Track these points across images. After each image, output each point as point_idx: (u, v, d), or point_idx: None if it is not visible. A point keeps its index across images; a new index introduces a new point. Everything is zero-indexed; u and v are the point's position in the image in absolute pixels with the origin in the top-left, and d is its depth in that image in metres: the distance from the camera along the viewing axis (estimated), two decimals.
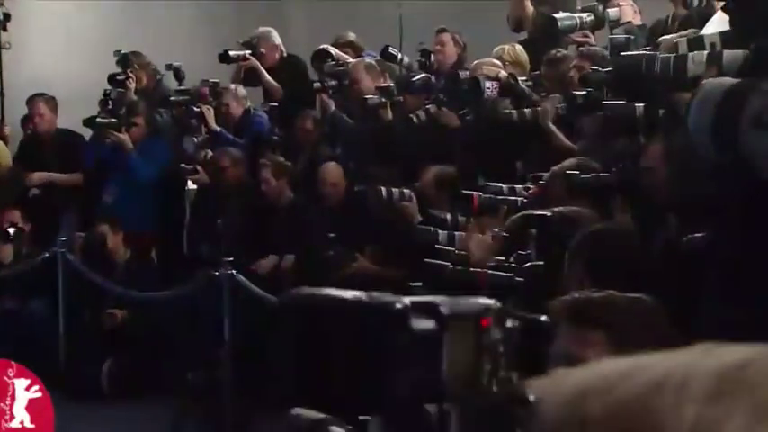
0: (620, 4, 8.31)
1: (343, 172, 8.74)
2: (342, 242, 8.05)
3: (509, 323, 1.34)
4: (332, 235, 8.07)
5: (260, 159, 9.09)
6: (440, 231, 6.23)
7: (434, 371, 1.29)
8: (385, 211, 7.55)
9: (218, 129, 9.74)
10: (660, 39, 6.68)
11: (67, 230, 9.91)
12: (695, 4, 7.35)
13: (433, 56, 9.32)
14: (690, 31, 6.46)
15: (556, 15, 8.08)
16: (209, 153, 9.38)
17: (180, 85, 10.29)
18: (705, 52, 4.95)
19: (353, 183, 8.62)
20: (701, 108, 3.95)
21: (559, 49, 8.00)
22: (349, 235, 8.13)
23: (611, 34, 7.77)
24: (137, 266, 9.41)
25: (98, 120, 9.91)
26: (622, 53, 5.82)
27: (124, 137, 9.86)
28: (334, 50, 9.58)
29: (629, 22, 8.20)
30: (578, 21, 8.08)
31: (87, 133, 10.50)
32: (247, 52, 10.12)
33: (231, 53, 10.11)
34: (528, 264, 4.90)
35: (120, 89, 10.28)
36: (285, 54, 10.36)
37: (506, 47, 8.47)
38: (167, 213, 9.92)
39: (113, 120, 9.86)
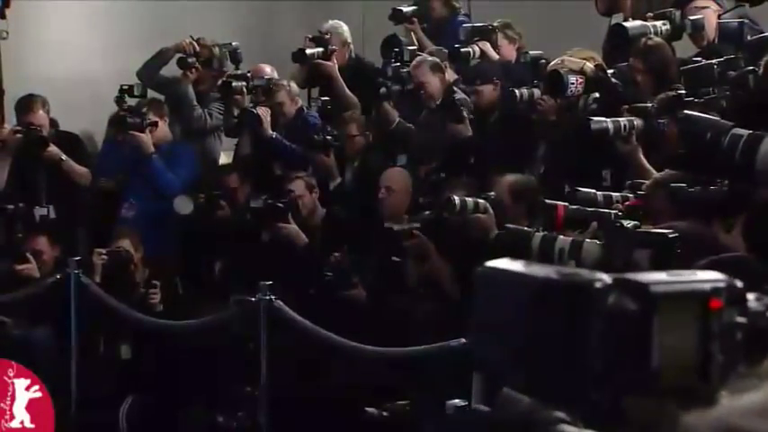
0: (703, 6, 7.31)
1: (411, 181, 7.73)
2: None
3: (754, 304, 1.23)
4: (395, 259, 7.08)
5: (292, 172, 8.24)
6: (535, 233, 5.24)
7: (640, 361, 1.17)
8: (459, 224, 6.62)
9: (274, 134, 8.71)
10: None
11: (82, 248, 8.73)
12: None
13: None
14: None
15: (626, 24, 7.18)
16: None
17: (237, 68, 9.25)
18: None
19: (417, 194, 7.66)
20: None
21: (651, 36, 6.99)
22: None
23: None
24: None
25: (128, 120, 8.71)
26: (685, 112, 4.67)
27: (146, 137, 8.73)
28: (405, 38, 8.79)
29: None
30: (651, 30, 7.07)
31: (99, 135, 9.45)
32: (319, 50, 9.01)
33: (308, 51, 9.00)
34: None
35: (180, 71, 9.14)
36: (353, 54, 9.39)
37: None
38: (192, 234, 8.63)
39: (137, 119, 8.72)
